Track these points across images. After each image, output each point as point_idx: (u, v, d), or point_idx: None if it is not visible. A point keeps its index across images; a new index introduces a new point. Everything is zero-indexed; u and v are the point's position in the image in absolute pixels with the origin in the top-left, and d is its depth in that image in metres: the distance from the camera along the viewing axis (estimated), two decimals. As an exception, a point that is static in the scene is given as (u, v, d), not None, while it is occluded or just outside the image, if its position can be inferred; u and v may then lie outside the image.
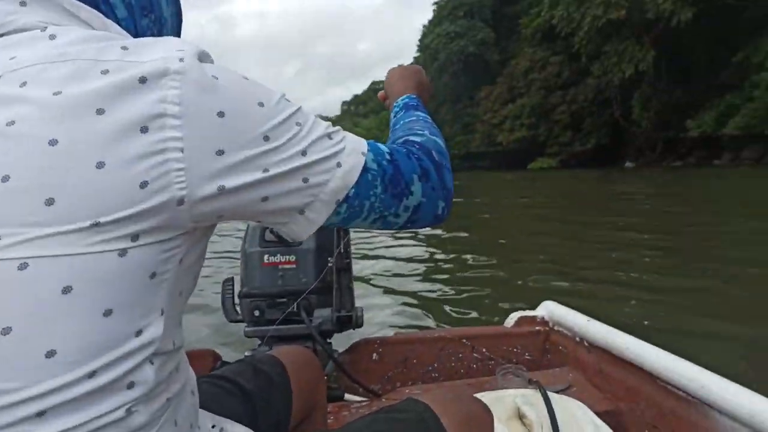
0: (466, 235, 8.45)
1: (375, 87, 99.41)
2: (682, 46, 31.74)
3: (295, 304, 1.58)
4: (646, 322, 3.60)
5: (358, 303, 1.72)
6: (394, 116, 0.87)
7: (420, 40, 51.87)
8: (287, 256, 1.62)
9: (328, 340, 1.69)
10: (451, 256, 6.59)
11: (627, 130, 34.72)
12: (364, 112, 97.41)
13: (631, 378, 1.45)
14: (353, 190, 0.60)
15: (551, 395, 1.31)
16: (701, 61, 31.07)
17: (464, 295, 4.58)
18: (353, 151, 0.61)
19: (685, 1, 27.80)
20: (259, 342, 1.65)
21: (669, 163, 32.38)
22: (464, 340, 1.83)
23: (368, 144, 0.64)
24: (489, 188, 23.07)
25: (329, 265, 1.63)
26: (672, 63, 32.01)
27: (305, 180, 0.57)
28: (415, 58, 59.99)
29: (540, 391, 1.27)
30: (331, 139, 0.60)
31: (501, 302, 4.24)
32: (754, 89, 25.83)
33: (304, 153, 0.56)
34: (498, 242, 7.73)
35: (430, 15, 54.69)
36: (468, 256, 6.43)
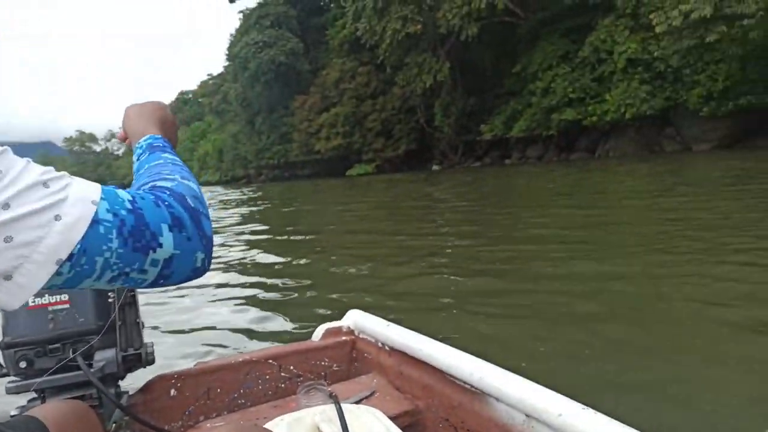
0: (282, 245, 8.40)
1: (183, 97, 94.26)
2: (473, 58, 35.26)
3: (72, 350, 1.40)
4: (450, 322, 3.88)
5: (149, 338, 1.57)
6: (137, 159, 0.77)
7: (228, 49, 50.46)
8: (57, 296, 1.42)
9: (119, 383, 1.53)
10: (259, 271, 6.45)
11: (432, 135, 37.47)
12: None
13: (426, 377, 1.53)
14: (79, 246, 0.52)
15: (348, 407, 1.32)
16: (489, 71, 34.74)
17: (273, 312, 4.47)
18: (79, 200, 0.53)
19: (471, 18, 30.81)
20: (32, 397, 1.43)
21: (469, 164, 35.71)
22: (270, 361, 1.79)
23: (103, 191, 0.57)
24: (307, 196, 23.30)
25: (109, 300, 1.47)
26: (465, 74, 35.32)
27: (8, 239, 0.49)
28: (224, 67, 58.21)
29: (335, 405, 1.28)
30: (47, 187, 0.52)
31: (313, 316, 4.21)
32: (532, 96, 29.65)
33: (6, 206, 0.49)
34: (314, 251, 7.76)
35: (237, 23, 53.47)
36: (279, 269, 6.35)
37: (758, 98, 21.41)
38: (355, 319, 1.93)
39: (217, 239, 8.68)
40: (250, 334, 3.98)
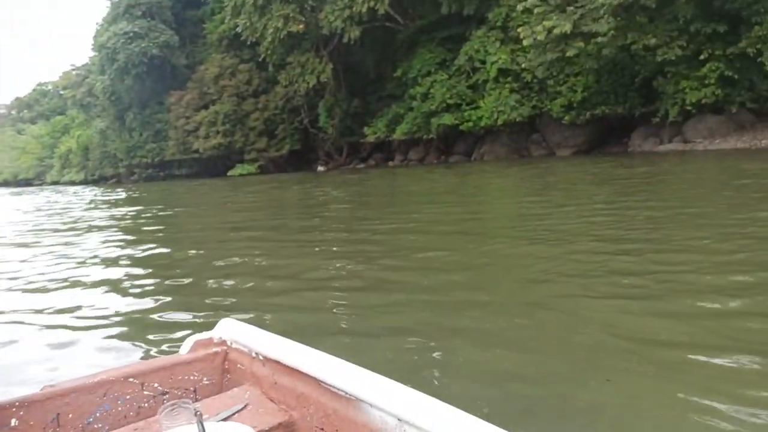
0: (150, 252, 7.93)
1: (41, 89, 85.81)
2: (355, 61, 35.56)
3: None
4: (329, 326, 3.84)
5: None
6: None
7: (94, 38, 46.64)
8: None
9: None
10: (122, 281, 6.03)
11: (316, 136, 37.31)
12: (30, 117, 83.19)
13: (301, 386, 1.51)
14: None
15: (215, 425, 1.30)
16: (372, 74, 35.24)
17: (135, 326, 4.21)
18: None
19: (353, 21, 31.08)
20: None
21: (354, 165, 36.04)
22: (131, 379, 1.67)
23: None
24: (181, 197, 22.26)
25: None
26: (349, 75, 35.54)
27: None
28: (90, 58, 53.73)
29: (198, 425, 1.24)
30: None
31: (181, 327, 4.01)
32: (413, 101, 30.53)
33: None
34: (187, 257, 7.42)
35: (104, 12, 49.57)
36: (144, 279, 5.99)
37: (611, 108, 23.72)
38: (227, 328, 1.85)
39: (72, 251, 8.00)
40: (108, 351, 3.71)
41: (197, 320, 4.22)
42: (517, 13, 24.57)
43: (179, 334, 3.73)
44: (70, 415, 1.55)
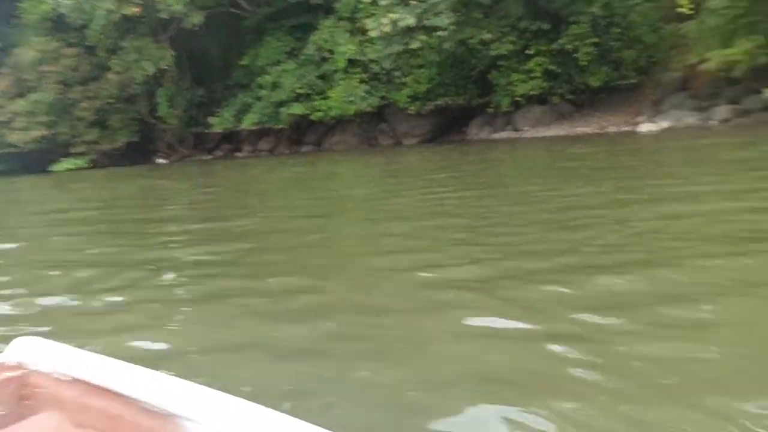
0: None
1: None
2: (200, 47, 33.83)
3: None
4: (151, 335, 3.45)
5: None
6: None
7: None
8: None
9: None
10: None
11: (156, 126, 34.92)
12: None
13: (114, 405, 1.37)
14: None
15: None
16: (217, 62, 33.83)
17: None
18: None
19: (195, 5, 29.58)
20: None
21: (200, 157, 34.33)
22: None
23: None
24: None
25: None
26: (192, 63, 33.78)
27: None
28: None
29: None
30: None
31: None
32: (261, 90, 29.88)
33: None
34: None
35: None
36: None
37: (452, 99, 25.25)
38: (24, 348, 1.61)
39: None
40: None
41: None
42: (365, 4, 25.12)
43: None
44: None
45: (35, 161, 35.38)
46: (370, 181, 12.66)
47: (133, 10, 31.07)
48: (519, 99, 22.88)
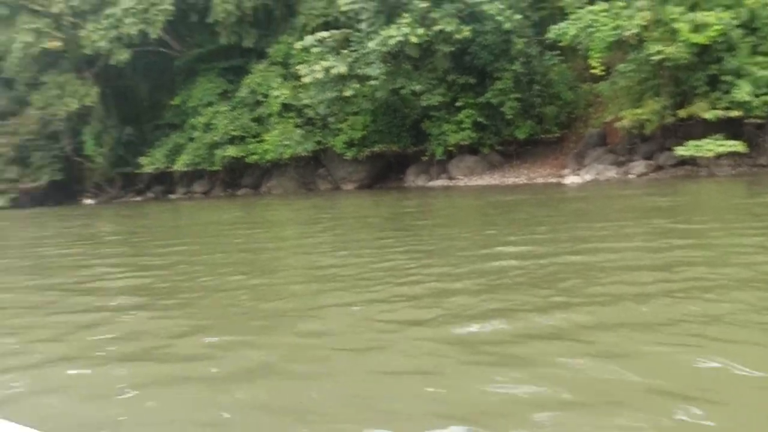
0: None
1: None
2: (127, 86, 32.94)
3: None
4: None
5: None
6: None
7: None
8: None
9: None
10: None
11: (83, 165, 33.64)
12: None
13: None
14: None
15: None
16: (146, 101, 32.95)
17: None
18: None
19: (121, 43, 28.82)
20: None
21: (130, 198, 33.24)
22: None
23: None
24: None
25: None
26: (120, 101, 32.82)
27: None
28: None
29: None
30: None
31: None
32: (194, 131, 29.29)
33: None
34: None
35: None
36: None
37: (387, 146, 25.52)
38: None
39: None
40: None
41: None
42: (297, 51, 25.16)
43: None
44: None
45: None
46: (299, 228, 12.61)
47: (54, 43, 29.99)
48: (451, 148, 23.41)
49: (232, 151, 27.87)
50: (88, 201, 33.00)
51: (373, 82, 23.17)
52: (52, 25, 30.29)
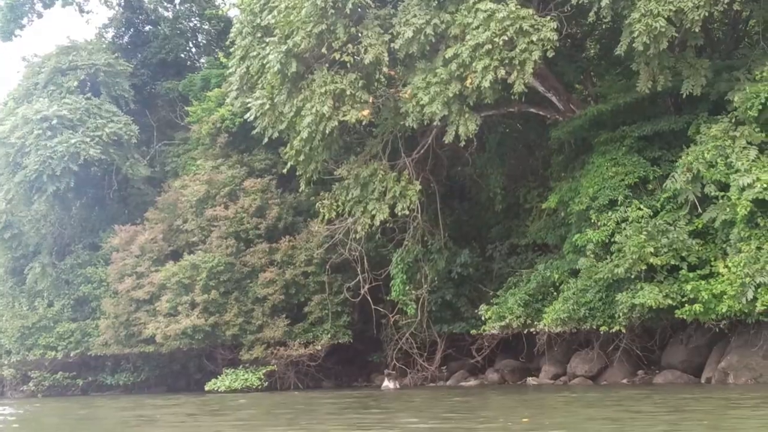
0: None
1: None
2: (463, 178, 23.86)
3: None
4: None
5: None
6: None
7: None
8: None
9: None
10: None
11: (381, 319, 22.27)
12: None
13: None
14: None
15: None
16: (499, 203, 22.85)
17: None
18: None
19: (466, 103, 18.39)
20: None
21: (460, 379, 20.88)
22: None
23: None
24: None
25: None
26: (449, 205, 23.18)
27: None
28: None
29: None
30: None
31: None
32: (578, 255, 17.94)
33: None
34: None
35: None
36: None
37: None
38: None
39: None
40: None
41: None
42: None
43: None
44: None
45: (180, 372, 22.50)
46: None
47: (364, 113, 19.13)
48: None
49: (649, 295, 15.64)
50: (389, 384, 20.22)
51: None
52: (358, 84, 19.10)
